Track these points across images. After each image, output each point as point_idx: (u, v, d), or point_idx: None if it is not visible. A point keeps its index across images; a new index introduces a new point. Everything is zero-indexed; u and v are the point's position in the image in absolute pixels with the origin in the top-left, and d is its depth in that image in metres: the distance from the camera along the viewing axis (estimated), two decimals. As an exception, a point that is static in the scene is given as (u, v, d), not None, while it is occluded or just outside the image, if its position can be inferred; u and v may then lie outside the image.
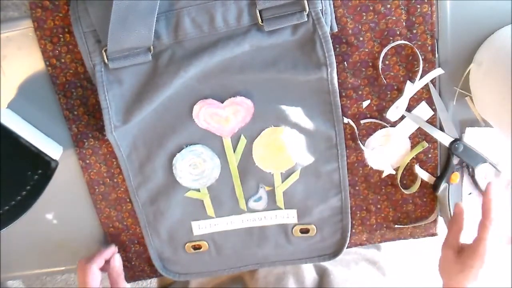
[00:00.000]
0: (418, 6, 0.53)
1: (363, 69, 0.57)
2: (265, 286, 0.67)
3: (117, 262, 0.64)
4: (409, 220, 0.66)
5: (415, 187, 0.63)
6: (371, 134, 0.60)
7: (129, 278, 0.72)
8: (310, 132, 0.58)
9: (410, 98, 0.58)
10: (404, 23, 0.55)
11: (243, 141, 0.59)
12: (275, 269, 0.69)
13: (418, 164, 0.61)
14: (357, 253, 0.74)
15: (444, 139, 0.60)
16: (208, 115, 0.58)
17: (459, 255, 0.56)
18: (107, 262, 0.64)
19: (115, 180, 0.64)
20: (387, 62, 0.57)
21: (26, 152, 0.55)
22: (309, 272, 0.68)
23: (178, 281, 0.75)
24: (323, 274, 0.68)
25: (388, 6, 0.54)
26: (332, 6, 0.53)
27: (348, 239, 0.65)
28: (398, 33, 0.55)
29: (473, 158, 0.60)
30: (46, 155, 0.56)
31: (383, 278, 0.72)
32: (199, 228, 0.65)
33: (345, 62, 0.57)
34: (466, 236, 0.58)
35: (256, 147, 0.59)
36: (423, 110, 0.59)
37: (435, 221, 0.65)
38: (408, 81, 0.57)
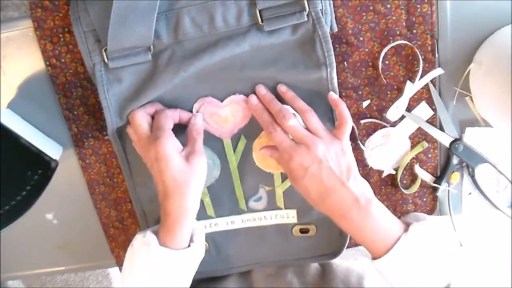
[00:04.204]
0: (418, 6, 0.54)
1: (363, 69, 0.57)
2: (265, 279, 0.67)
3: (199, 120, 0.56)
4: (409, 220, 0.66)
5: (415, 187, 0.63)
6: (371, 134, 0.60)
7: (129, 278, 0.72)
8: (310, 132, 0.58)
9: (410, 98, 0.58)
10: (404, 23, 0.55)
11: (243, 141, 0.59)
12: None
13: (418, 164, 0.61)
14: (354, 249, 0.73)
15: (444, 139, 0.60)
16: (208, 114, 0.58)
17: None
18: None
19: (115, 180, 0.64)
20: (387, 62, 0.57)
21: (26, 152, 0.55)
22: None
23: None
24: (325, 263, 0.68)
25: (388, 6, 0.54)
26: (332, 6, 0.53)
27: (348, 239, 0.64)
28: (398, 33, 0.55)
29: (473, 158, 0.60)
30: (46, 155, 0.56)
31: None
32: (199, 228, 0.65)
33: (345, 62, 0.57)
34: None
35: (256, 147, 0.59)
36: (423, 110, 0.59)
37: (435, 221, 0.65)
38: (408, 81, 0.57)
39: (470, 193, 0.64)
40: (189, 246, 0.54)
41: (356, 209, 0.50)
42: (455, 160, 0.61)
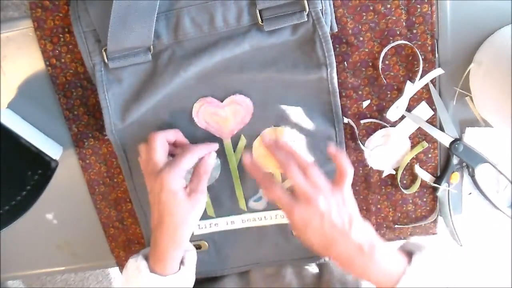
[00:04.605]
0: (418, 6, 0.53)
1: (363, 69, 0.57)
2: (264, 279, 0.67)
3: (211, 160, 0.56)
4: (409, 220, 0.66)
5: (415, 187, 0.63)
6: (371, 134, 0.60)
7: (129, 278, 0.72)
8: (310, 132, 0.58)
9: (410, 98, 0.58)
10: (404, 23, 0.55)
11: (243, 141, 0.59)
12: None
13: (418, 164, 0.61)
14: None
15: (444, 139, 0.60)
16: (208, 114, 0.58)
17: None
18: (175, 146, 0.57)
19: (115, 180, 0.64)
20: (387, 62, 0.57)
21: (26, 152, 0.55)
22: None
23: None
24: (322, 263, 0.68)
25: (388, 6, 0.54)
26: (332, 6, 0.53)
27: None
28: (398, 33, 0.55)
29: (473, 158, 0.60)
30: (46, 155, 0.56)
31: None
32: (199, 228, 0.65)
33: (345, 62, 0.57)
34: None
35: (256, 147, 0.59)
36: (423, 110, 0.59)
37: (435, 221, 0.65)
38: (408, 81, 0.57)
39: (470, 193, 0.64)
40: (180, 269, 0.55)
41: (360, 256, 0.50)
42: (455, 160, 0.61)
